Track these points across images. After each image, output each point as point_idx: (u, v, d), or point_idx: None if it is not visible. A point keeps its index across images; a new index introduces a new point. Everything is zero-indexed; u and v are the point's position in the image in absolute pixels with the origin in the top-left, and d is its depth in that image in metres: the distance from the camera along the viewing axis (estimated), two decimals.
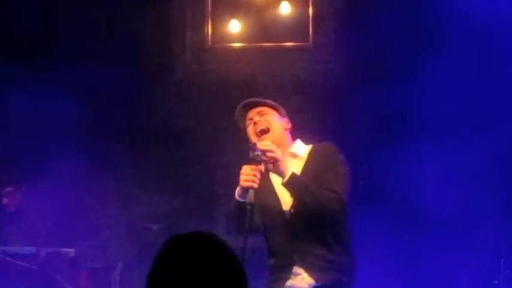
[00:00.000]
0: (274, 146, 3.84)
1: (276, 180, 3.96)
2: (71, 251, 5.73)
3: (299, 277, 3.85)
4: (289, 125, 4.10)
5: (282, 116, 4.10)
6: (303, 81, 6.29)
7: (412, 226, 5.75)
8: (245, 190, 3.80)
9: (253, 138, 3.98)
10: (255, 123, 4.00)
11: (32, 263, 5.56)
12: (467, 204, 5.67)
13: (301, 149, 4.04)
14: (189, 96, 6.37)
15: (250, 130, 4.02)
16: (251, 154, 3.81)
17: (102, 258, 6.09)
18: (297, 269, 3.86)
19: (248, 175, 3.78)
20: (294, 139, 4.09)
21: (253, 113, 4.04)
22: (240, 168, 3.82)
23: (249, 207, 3.75)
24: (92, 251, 6.11)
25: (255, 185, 3.77)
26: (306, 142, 4.08)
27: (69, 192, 6.01)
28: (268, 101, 4.12)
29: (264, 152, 3.80)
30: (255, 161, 3.80)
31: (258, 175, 3.79)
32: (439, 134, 5.87)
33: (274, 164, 3.80)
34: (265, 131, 3.97)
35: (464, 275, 5.66)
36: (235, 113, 4.10)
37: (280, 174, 3.83)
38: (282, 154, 3.89)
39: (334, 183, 3.84)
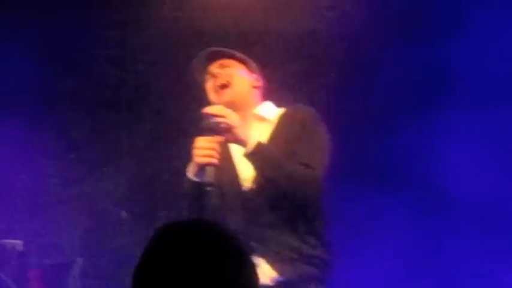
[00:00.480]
0: (228, 110, 3.33)
1: (237, 152, 3.47)
2: (18, 243, 4.98)
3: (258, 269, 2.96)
4: (259, 83, 3.67)
5: (251, 71, 3.66)
6: (307, 34, 5.27)
7: (437, 215, 5.11)
8: (201, 167, 3.29)
9: (212, 96, 3.56)
10: (214, 76, 3.58)
11: None
12: (504, 193, 5.01)
13: (270, 112, 3.59)
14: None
15: (209, 86, 3.59)
16: (205, 122, 3.31)
17: (57, 252, 5.26)
18: (255, 259, 2.90)
19: (204, 149, 3.28)
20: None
21: (214, 66, 3.61)
22: (193, 141, 3.32)
23: (208, 188, 3.29)
24: (45, 243, 5.27)
25: (214, 161, 3.28)
26: (281, 105, 3.62)
27: (14, 169, 5.25)
28: (234, 52, 3.67)
29: (211, 118, 3.31)
30: (212, 131, 3.30)
31: (218, 148, 3.29)
32: (480, 104, 5.07)
33: (230, 132, 3.29)
34: (225, 86, 3.54)
35: (496, 271, 5.05)
36: (192, 64, 3.65)
37: (241, 143, 3.33)
38: (246, 117, 3.48)
39: (309, 156, 3.38)
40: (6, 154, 5.19)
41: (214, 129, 3.28)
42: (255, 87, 3.63)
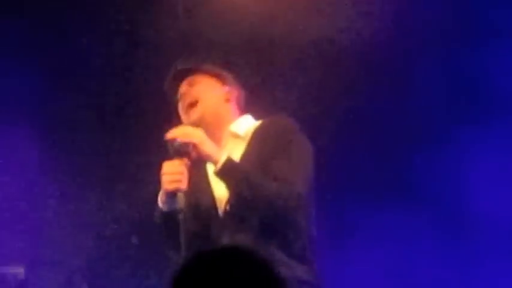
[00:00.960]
0: (190, 128, 3.25)
1: (211, 171, 3.28)
2: (20, 271, 4.75)
3: None
4: (234, 95, 3.47)
5: (224, 83, 3.47)
6: (330, 42, 4.97)
7: (464, 235, 4.87)
8: (171, 195, 3.17)
9: (183, 117, 3.39)
10: (181, 97, 3.41)
11: None
12: None
13: (244, 128, 3.38)
14: None
15: (180, 107, 3.42)
16: (171, 146, 3.19)
17: (61, 280, 4.97)
18: None
19: (172, 174, 3.15)
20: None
21: (183, 86, 3.44)
22: (161, 168, 3.19)
23: (180, 216, 3.16)
24: (48, 271, 4.98)
25: (183, 186, 3.15)
26: (261, 117, 3.44)
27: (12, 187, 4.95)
28: (201, 65, 3.51)
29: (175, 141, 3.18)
30: (178, 154, 3.18)
31: (185, 172, 3.16)
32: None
33: (196, 150, 3.17)
34: (192, 104, 3.36)
35: None
36: (164, 87, 3.51)
37: (210, 159, 3.20)
38: (220, 134, 3.33)
39: (286, 170, 3.17)
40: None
41: (179, 152, 3.17)
42: (227, 100, 3.44)
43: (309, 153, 3.29)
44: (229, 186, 3.18)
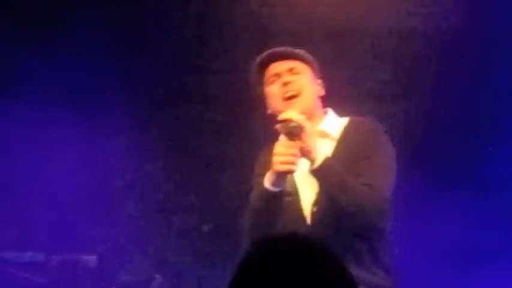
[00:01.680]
0: (303, 116, 3.11)
1: (301, 180, 3.19)
2: (92, 259, 4.72)
3: None
4: (323, 92, 3.36)
5: (316, 76, 3.35)
6: (405, 32, 4.87)
7: None
8: (280, 176, 3.06)
9: (275, 102, 3.24)
10: (284, 84, 3.22)
11: (39, 274, 4.63)
12: None
13: (334, 126, 3.29)
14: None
15: (275, 90, 3.25)
16: (284, 127, 3.08)
17: (134, 268, 4.96)
18: None
19: (284, 155, 3.05)
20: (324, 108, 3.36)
21: (281, 67, 3.27)
22: (272, 148, 3.10)
23: (288, 198, 3.09)
24: (120, 259, 4.96)
25: (295, 168, 3.06)
26: (343, 114, 3.36)
27: (84, 175, 4.86)
28: (301, 52, 3.34)
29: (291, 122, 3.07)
30: (292, 136, 3.07)
31: (298, 154, 3.06)
32: None
33: (302, 141, 3.06)
34: (294, 96, 3.22)
35: None
36: (254, 64, 3.34)
37: (309, 156, 3.08)
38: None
39: (373, 175, 3.12)
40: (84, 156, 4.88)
41: (292, 134, 3.06)
42: (319, 96, 3.33)
43: (394, 158, 3.23)
44: (323, 186, 3.10)
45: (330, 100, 3.39)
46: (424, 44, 4.84)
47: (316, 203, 3.13)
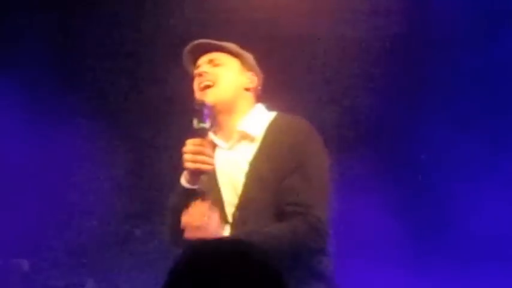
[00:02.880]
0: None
1: (219, 162, 3.05)
2: (24, 263, 4.68)
3: None
4: (254, 84, 3.17)
5: (246, 68, 3.18)
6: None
7: None
8: (194, 175, 2.94)
9: (197, 95, 3.10)
10: (199, 74, 3.12)
11: None
12: None
13: (256, 125, 3.08)
14: None
15: (195, 82, 3.14)
16: (196, 123, 2.95)
17: (64, 272, 4.89)
18: None
19: (195, 153, 2.91)
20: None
21: (202, 59, 3.17)
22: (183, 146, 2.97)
23: (207, 198, 2.92)
24: (52, 262, 4.89)
25: (209, 167, 2.93)
26: (274, 108, 3.17)
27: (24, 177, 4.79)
28: (227, 44, 3.20)
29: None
30: (201, 133, 2.95)
31: (210, 152, 2.95)
32: None
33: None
34: (208, 86, 3.09)
35: None
36: (182, 56, 3.23)
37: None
38: (230, 130, 3.08)
39: (308, 193, 2.90)
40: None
41: (200, 134, 2.94)
42: (246, 89, 3.16)
43: (327, 168, 3.01)
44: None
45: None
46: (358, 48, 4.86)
47: (238, 208, 2.99)
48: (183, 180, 2.98)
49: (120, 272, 4.83)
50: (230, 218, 2.98)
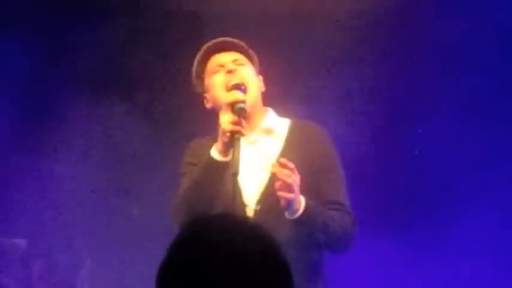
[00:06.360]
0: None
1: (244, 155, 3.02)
2: (22, 242, 4.63)
3: None
4: (264, 88, 3.25)
5: (257, 72, 3.25)
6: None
7: None
8: (229, 143, 2.94)
9: (218, 92, 3.11)
10: (229, 71, 3.12)
11: None
12: None
13: (278, 125, 3.21)
14: None
15: (218, 79, 3.13)
16: (231, 107, 2.99)
17: (63, 252, 4.84)
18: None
19: (232, 119, 2.95)
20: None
21: (225, 58, 3.18)
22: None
23: (235, 172, 2.89)
24: (51, 242, 4.81)
25: (243, 130, 2.95)
26: (281, 113, 3.28)
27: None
28: (244, 45, 3.26)
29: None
30: (239, 116, 2.98)
31: (244, 123, 2.98)
32: None
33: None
34: (240, 88, 3.06)
35: None
36: (197, 56, 3.23)
37: (291, 207, 2.95)
38: (253, 127, 3.13)
39: (338, 191, 3.11)
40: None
41: (240, 115, 2.98)
42: (261, 91, 3.24)
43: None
44: (305, 228, 2.99)
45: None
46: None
47: (259, 202, 3.06)
48: (215, 152, 2.99)
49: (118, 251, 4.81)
50: (249, 212, 3.04)
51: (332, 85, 4.68)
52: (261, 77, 3.25)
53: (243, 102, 2.99)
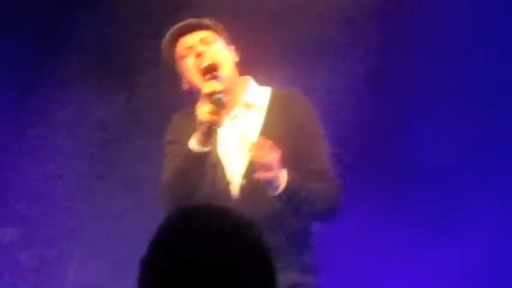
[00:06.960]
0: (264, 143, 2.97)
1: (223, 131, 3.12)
2: (10, 231, 4.64)
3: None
4: (238, 58, 3.25)
5: (228, 43, 3.25)
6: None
7: None
8: (208, 133, 2.99)
9: (192, 76, 3.14)
10: (198, 55, 3.13)
11: None
12: None
13: (258, 96, 3.22)
14: None
15: (190, 63, 3.15)
16: (209, 98, 3.03)
17: (52, 242, 4.82)
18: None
19: (211, 112, 3.00)
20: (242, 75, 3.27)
21: (192, 39, 3.18)
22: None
23: (212, 169, 3.02)
24: (40, 232, 4.81)
25: (220, 120, 3.01)
26: (260, 82, 3.29)
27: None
28: (209, 21, 3.25)
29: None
30: (217, 106, 3.03)
31: (222, 113, 3.03)
32: None
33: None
34: (212, 68, 3.09)
35: None
36: (164, 41, 3.25)
37: (272, 184, 2.99)
38: (234, 101, 3.16)
39: (322, 158, 3.12)
40: None
41: (218, 105, 3.04)
42: (236, 63, 3.24)
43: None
44: (287, 205, 3.04)
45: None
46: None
47: (245, 175, 3.09)
48: (194, 144, 3.02)
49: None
50: (235, 187, 3.09)
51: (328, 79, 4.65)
52: (232, 47, 3.24)
53: (220, 92, 3.02)
